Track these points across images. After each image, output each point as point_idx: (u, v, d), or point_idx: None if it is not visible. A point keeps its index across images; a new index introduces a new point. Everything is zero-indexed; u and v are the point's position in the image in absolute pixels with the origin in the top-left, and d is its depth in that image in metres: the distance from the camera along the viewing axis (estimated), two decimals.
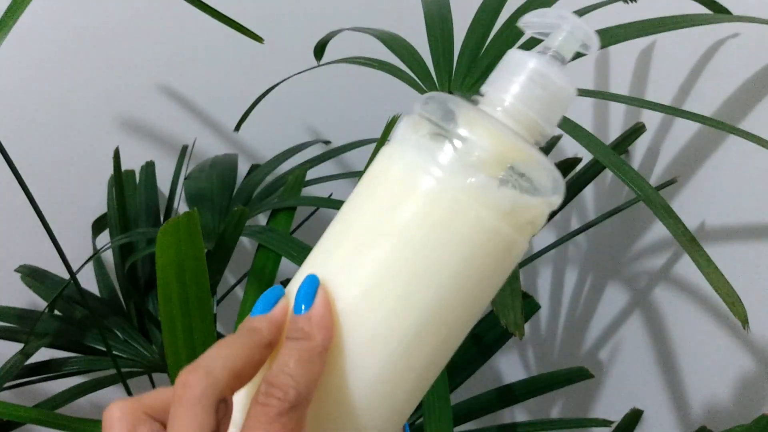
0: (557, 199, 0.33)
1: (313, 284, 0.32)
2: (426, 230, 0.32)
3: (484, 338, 0.76)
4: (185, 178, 0.89)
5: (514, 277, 0.46)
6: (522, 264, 0.73)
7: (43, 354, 0.78)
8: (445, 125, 0.32)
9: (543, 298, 1.10)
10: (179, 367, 0.51)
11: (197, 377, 0.28)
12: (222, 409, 0.29)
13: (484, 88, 0.34)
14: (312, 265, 0.34)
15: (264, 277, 0.69)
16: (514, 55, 0.34)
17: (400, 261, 0.32)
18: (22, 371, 0.77)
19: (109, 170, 0.91)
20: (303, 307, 0.31)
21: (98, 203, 0.94)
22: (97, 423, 0.58)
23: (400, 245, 0.32)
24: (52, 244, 0.67)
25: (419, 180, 0.32)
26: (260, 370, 0.31)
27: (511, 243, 0.32)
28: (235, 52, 0.95)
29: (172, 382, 0.52)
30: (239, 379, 0.30)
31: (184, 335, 0.47)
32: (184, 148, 0.95)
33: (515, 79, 0.33)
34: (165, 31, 0.93)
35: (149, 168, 0.93)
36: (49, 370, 0.78)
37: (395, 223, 0.32)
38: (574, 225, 1.02)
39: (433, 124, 0.32)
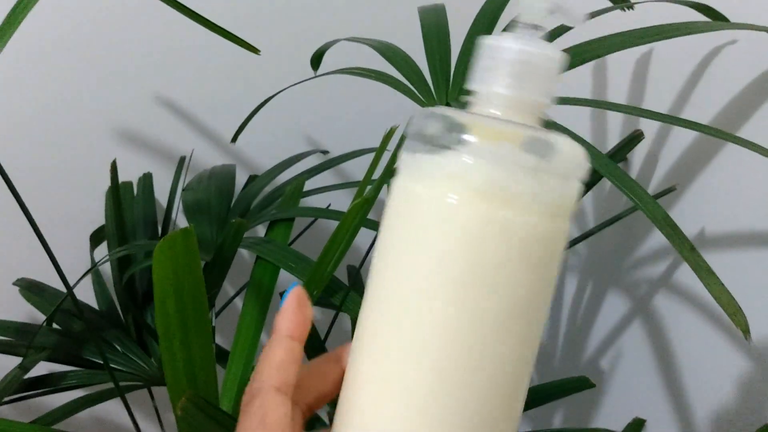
0: (581, 170, 0.32)
1: (290, 288, 0.35)
2: (460, 253, 0.30)
3: None
4: (183, 190, 0.89)
5: None
6: None
7: (42, 368, 0.77)
8: (444, 140, 0.30)
9: None
10: (178, 384, 0.51)
11: None
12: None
13: (472, 86, 0.32)
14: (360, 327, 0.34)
15: (262, 289, 0.69)
16: (487, 42, 0.32)
17: (442, 285, 0.31)
18: (21, 385, 0.76)
19: (107, 182, 0.91)
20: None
21: (96, 215, 0.94)
22: None
23: (440, 276, 0.31)
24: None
25: (438, 204, 0.30)
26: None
27: (546, 232, 0.31)
28: (232, 62, 0.95)
29: (171, 398, 0.51)
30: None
31: (183, 353, 0.47)
32: (182, 159, 0.95)
33: (498, 67, 0.31)
34: (162, 42, 0.93)
35: (147, 179, 0.93)
36: (48, 384, 0.78)
37: (428, 256, 0.31)
38: (573, 234, 1.02)
39: (430, 142, 0.31)
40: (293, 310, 0.35)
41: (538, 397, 0.78)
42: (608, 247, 0.95)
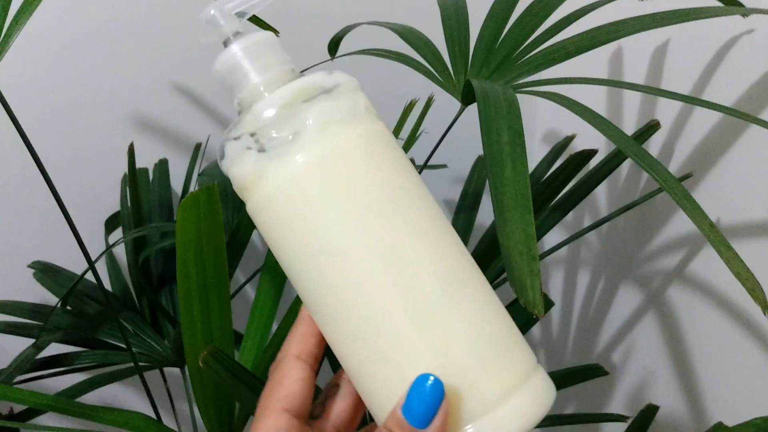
0: (347, 79, 0.37)
1: (438, 396, 0.33)
2: (333, 199, 0.34)
3: None
4: (198, 175, 0.89)
5: (531, 258, 0.46)
6: None
7: (53, 350, 0.78)
8: (257, 142, 0.34)
9: (555, 299, 1.09)
10: (196, 347, 0.51)
11: None
12: None
13: (239, 97, 0.37)
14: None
15: (277, 271, 0.69)
16: (219, 66, 0.37)
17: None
18: (34, 365, 0.77)
19: (121, 168, 0.91)
20: (422, 419, 0.33)
21: (111, 201, 0.94)
22: (117, 412, 0.58)
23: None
24: (62, 241, 0.67)
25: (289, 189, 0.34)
26: None
27: (360, 136, 0.35)
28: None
29: (190, 366, 0.52)
30: None
31: (202, 312, 0.47)
32: (198, 146, 0.95)
33: (241, 69, 0.37)
34: (178, 28, 0.93)
35: (162, 165, 0.93)
36: (61, 364, 0.78)
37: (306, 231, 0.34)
38: (586, 223, 1.02)
39: (247, 158, 0.35)
40: None
41: None
42: (621, 239, 0.95)
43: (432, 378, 0.32)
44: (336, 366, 0.39)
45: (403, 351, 0.33)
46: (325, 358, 0.42)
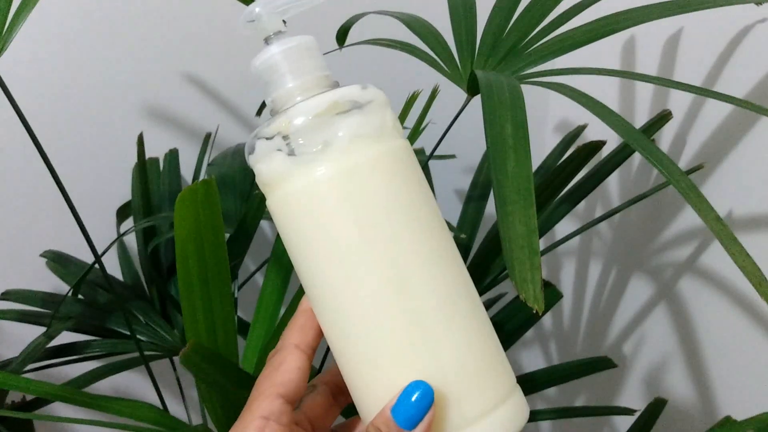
0: (379, 95, 0.38)
1: (428, 402, 0.35)
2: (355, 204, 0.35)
3: (505, 327, 0.75)
4: (208, 165, 0.89)
5: (533, 252, 0.46)
6: (543, 252, 0.72)
7: (64, 339, 0.78)
8: (288, 144, 0.36)
9: (566, 291, 1.09)
10: (198, 338, 0.52)
11: None
12: None
13: (271, 98, 0.38)
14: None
15: (284, 261, 0.69)
16: (258, 63, 0.39)
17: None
18: (45, 353, 0.77)
19: (133, 158, 0.91)
20: (410, 421, 0.34)
21: (122, 191, 0.95)
22: (122, 401, 0.58)
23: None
24: (75, 231, 0.67)
25: (308, 191, 0.35)
26: None
27: (386, 153, 0.36)
28: (258, 38, 0.95)
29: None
30: None
31: (203, 305, 0.47)
32: (208, 136, 0.95)
33: (279, 71, 0.38)
34: (188, 17, 0.93)
35: (173, 155, 0.94)
36: (72, 352, 0.79)
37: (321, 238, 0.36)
38: (597, 213, 1.01)
39: (279, 158, 0.36)
40: None
41: (559, 375, 0.77)
42: (633, 231, 0.94)
43: (423, 385, 0.34)
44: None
45: (396, 358, 0.35)
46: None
